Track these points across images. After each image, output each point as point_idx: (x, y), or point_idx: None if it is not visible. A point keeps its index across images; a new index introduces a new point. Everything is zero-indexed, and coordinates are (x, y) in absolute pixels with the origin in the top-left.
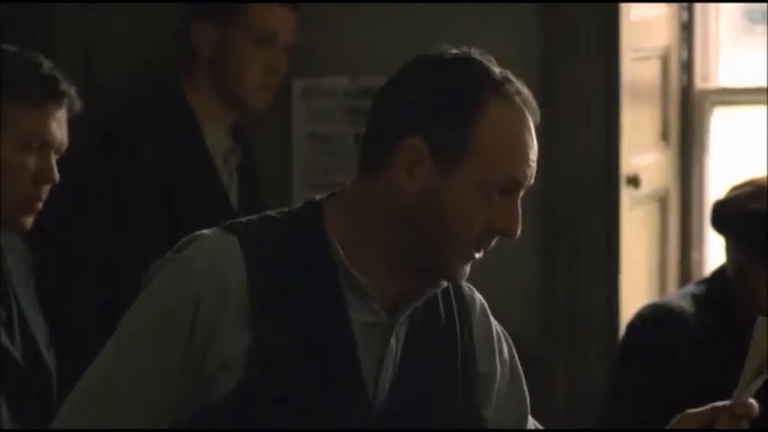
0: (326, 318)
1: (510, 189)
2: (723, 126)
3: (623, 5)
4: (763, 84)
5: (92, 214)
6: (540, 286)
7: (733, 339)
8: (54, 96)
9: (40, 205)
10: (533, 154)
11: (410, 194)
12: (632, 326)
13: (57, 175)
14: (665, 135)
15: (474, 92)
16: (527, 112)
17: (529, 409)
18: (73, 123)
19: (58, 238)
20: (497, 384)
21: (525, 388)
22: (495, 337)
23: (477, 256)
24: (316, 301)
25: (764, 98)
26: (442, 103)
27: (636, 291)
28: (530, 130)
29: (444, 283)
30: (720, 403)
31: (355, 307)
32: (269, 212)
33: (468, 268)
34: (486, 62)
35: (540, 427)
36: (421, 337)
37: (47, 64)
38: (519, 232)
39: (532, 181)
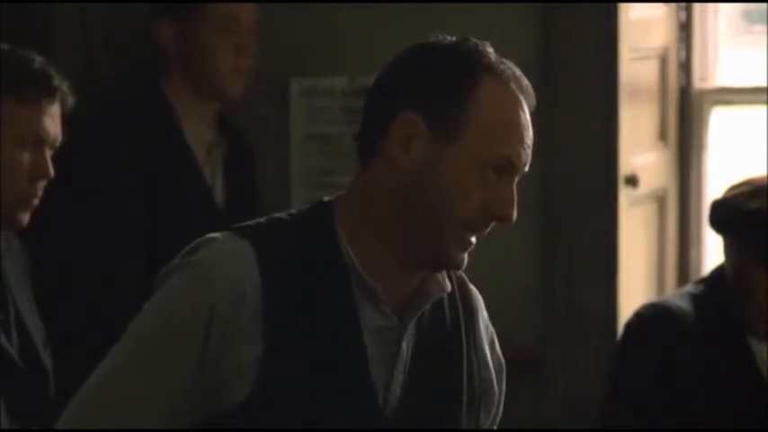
0: (338, 324)
1: (505, 169)
2: (721, 126)
3: (622, 5)
4: (761, 83)
5: (76, 215)
6: (539, 286)
7: (731, 338)
8: (47, 92)
9: (36, 202)
10: (528, 137)
11: (406, 171)
12: (630, 325)
13: (52, 171)
14: (663, 135)
15: (469, 70)
16: (522, 96)
17: (502, 402)
18: (67, 120)
19: (49, 237)
20: (494, 389)
21: (503, 381)
22: (489, 335)
23: (473, 240)
24: (328, 307)
25: (763, 98)
26: (438, 80)
27: (634, 290)
28: (524, 111)
29: (449, 287)
30: None
31: (367, 311)
32: (277, 215)
33: (466, 256)
34: (482, 45)
35: None
36: (429, 342)
37: (39, 60)
38: (514, 217)
39: (527, 167)
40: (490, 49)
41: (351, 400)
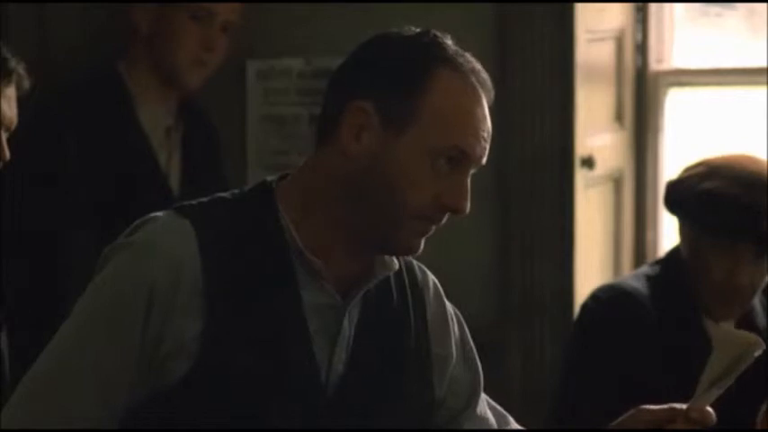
0: (279, 299)
1: (457, 160)
2: (677, 107)
3: None
4: (717, 65)
5: (22, 200)
6: (495, 268)
7: (687, 320)
8: (3, 74)
9: None
10: (484, 130)
11: (356, 159)
12: (586, 307)
13: (8, 154)
14: (619, 116)
15: (426, 61)
16: (480, 89)
17: (482, 383)
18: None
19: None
20: (452, 366)
21: (478, 363)
22: (450, 319)
23: (431, 227)
24: (268, 283)
25: (718, 79)
26: (393, 69)
27: (590, 272)
28: (482, 105)
29: (396, 266)
30: (678, 405)
31: (308, 288)
32: (220, 194)
33: (422, 242)
34: (442, 37)
35: (499, 408)
36: (374, 320)
37: None
38: (467, 209)
39: (484, 161)
40: (449, 41)
41: (291, 375)
